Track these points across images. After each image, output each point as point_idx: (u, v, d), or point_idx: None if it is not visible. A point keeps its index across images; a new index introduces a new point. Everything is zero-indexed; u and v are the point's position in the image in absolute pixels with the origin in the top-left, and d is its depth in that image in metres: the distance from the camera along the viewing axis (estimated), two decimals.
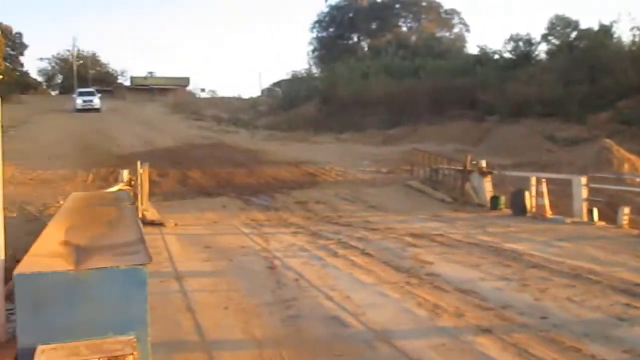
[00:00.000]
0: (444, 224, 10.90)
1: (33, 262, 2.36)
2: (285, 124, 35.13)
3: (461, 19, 54.69)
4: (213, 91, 67.55)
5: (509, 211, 12.54)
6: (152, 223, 10.50)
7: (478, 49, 36.36)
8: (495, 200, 12.99)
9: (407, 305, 5.57)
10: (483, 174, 13.62)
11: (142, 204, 10.97)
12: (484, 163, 13.92)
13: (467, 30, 54.54)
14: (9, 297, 2.80)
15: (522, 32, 32.94)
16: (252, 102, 50.56)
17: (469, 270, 7.06)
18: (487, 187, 13.56)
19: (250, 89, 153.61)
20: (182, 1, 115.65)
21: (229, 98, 56.43)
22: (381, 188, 15.61)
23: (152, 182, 14.36)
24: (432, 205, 13.58)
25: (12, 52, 63.94)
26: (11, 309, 2.85)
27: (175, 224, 10.85)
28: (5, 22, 61.94)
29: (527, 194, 12.14)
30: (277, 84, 54.10)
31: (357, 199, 14.17)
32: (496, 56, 33.67)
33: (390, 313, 5.35)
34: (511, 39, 32.65)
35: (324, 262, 7.51)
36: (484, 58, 33.80)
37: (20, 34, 64.86)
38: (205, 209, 12.93)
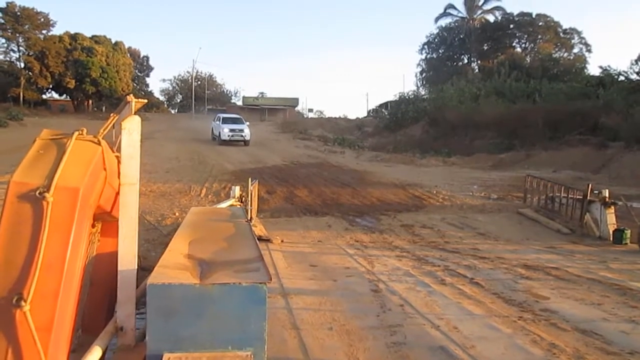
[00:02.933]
0: (561, 257, 10.17)
1: (163, 273, 2.49)
2: (391, 146, 35.00)
3: (582, 38, 51.85)
4: (320, 111, 69.86)
5: (635, 246, 11.43)
6: (259, 239, 10.79)
7: (600, 70, 34.13)
8: (619, 233, 11.91)
9: (520, 341, 5.25)
10: (606, 204, 12.54)
11: (250, 219, 11.37)
12: (606, 192, 12.86)
13: (589, 51, 51.57)
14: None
15: None
16: (359, 123, 51.12)
17: (589, 308, 6.51)
18: (610, 219, 12.47)
19: (357, 110, 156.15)
20: (292, 24, 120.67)
21: (335, 118, 57.62)
22: (491, 215, 14.97)
23: (260, 199, 14.86)
24: (546, 236, 12.77)
25: (139, 74, 70.27)
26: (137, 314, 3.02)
27: (282, 241, 11.09)
28: (135, 46, 68.36)
29: None
30: (384, 105, 54.25)
31: (465, 225, 13.69)
32: (621, 78, 31.29)
33: (501, 348, 5.07)
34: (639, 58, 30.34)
35: (430, 289, 7.30)
36: (608, 80, 31.55)
37: (147, 57, 71.25)
38: (310, 227, 13.11)
